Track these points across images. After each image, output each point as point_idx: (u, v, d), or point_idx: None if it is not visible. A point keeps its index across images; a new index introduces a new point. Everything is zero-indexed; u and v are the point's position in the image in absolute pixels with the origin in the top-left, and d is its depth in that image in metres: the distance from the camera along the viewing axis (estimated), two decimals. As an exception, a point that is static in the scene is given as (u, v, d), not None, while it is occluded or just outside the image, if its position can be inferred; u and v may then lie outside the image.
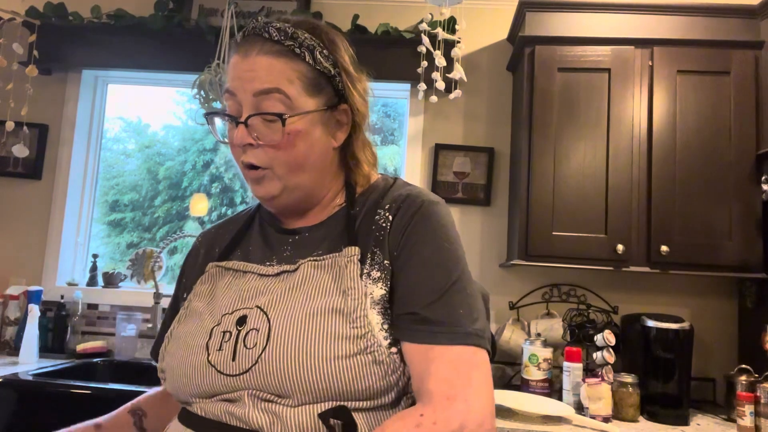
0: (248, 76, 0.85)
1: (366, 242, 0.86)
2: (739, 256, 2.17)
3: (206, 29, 2.65)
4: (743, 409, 1.91)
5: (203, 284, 0.95)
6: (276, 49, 0.86)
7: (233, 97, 0.86)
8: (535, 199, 2.28)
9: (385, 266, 0.84)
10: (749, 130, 2.23)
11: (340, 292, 0.81)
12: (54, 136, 2.85)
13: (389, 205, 0.89)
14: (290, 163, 0.86)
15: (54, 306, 2.64)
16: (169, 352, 0.90)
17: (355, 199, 0.93)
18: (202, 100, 2.38)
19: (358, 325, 0.78)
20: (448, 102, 2.63)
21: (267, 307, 0.83)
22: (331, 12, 2.78)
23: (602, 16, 2.37)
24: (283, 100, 0.84)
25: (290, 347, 0.77)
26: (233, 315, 0.85)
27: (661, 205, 2.23)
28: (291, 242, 0.93)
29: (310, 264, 0.86)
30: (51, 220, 2.80)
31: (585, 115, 2.31)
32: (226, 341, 0.82)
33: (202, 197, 3.10)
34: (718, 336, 2.50)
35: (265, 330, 0.80)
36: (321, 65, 0.88)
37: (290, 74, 0.85)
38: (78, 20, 2.73)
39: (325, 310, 0.79)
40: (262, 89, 0.84)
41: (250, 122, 0.85)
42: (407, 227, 0.85)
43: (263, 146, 0.85)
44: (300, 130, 0.85)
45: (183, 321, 0.92)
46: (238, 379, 0.79)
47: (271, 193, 0.88)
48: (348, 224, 0.89)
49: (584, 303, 2.54)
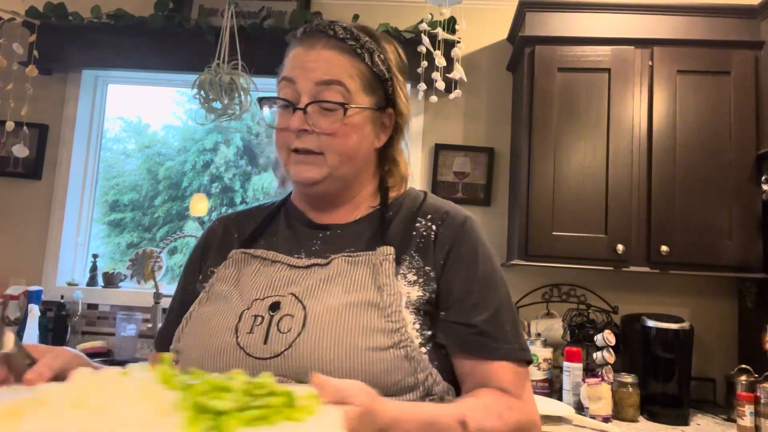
0: (312, 66, 0.90)
1: (402, 245, 0.91)
2: (739, 256, 2.17)
3: (206, 29, 2.64)
4: (743, 409, 1.92)
5: (227, 269, 0.94)
6: (340, 45, 0.92)
7: (292, 85, 0.91)
8: (535, 199, 2.28)
9: (425, 272, 0.89)
10: (749, 130, 2.23)
11: (376, 287, 0.85)
12: (54, 136, 2.85)
13: (430, 215, 0.95)
14: (342, 153, 0.90)
15: (54, 306, 2.64)
16: (189, 333, 0.89)
17: (388, 203, 0.98)
18: (202, 100, 2.38)
19: (393, 320, 0.82)
20: (448, 102, 2.63)
21: (302, 295, 0.85)
22: (331, 12, 2.78)
23: (602, 16, 2.37)
24: (343, 93, 0.90)
25: (326, 334, 0.79)
26: (264, 300, 0.86)
27: (661, 205, 2.23)
28: (321, 237, 0.95)
29: (344, 259, 0.89)
30: (51, 220, 2.80)
31: (585, 115, 2.31)
32: (257, 325, 0.83)
33: (202, 197, 3.10)
34: (718, 336, 2.50)
35: (301, 316, 0.82)
36: (377, 68, 0.94)
37: (351, 70, 0.91)
38: (78, 20, 2.73)
39: (360, 303, 0.83)
40: (325, 79, 0.89)
41: (308, 109, 0.89)
42: (454, 242, 0.92)
43: (318, 133, 0.89)
44: (356, 123, 0.91)
45: (205, 303, 0.91)
46: (267, 363, 0.80)
47: (314, 177, 0.90)
48: (382, 226, 0.94)
49: (584, 303, 2.54)
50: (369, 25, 3.02)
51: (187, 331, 0.90)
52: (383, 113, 0.96)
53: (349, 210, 0.97)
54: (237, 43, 2.40)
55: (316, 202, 0.98)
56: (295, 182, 0.94)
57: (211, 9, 2.78)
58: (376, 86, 0.94)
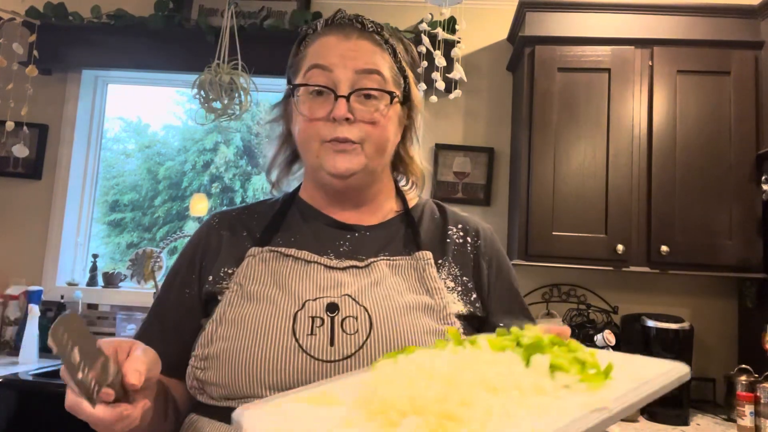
0: (351, 54, 0.88)
1: (438, 251, 0.92)
2: (739, 256, 2.17)
3: (206, 29, 2.64)
4: (743, 409, 1.92)
5: (254, 267, 0.88)
6: (373, 38, 0.92)
7: (327, 73, 0.88)
8: (535, 199, 2.28)
9: (463, 282, 0.91)
10: (749, 130, 2.23)
11: (425, 291, 0.86)
12: (54, 136, 2.85)
13: (461, 226, 0.98)
14: (380, 143, 0.89)
15: (54, 306, 2.64)
16: (227, 336, 0.81)
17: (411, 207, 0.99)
18: (202, 100, 2.38)
19: (449, 322, 0.84)
20: (448, 102, 2.63)
21: (358, 296, 0.83)
22: (331, 12, 2.77)
23: (602, 16, 2.37)
24: (380, 83, 0.89)
25: (394, 336, 0.79)
26: (317, 301, 0.82)
27: (661, 205, 2.23)
28: (349, 238, 0.92)
29: (385, 263, 0.89)
30: (51, 220, 2.80)
31: (585, 115, 2.31)
32: (318, 326, 0.80)
33: (202, 197, 3.09)
34: (718, 336, 2.50)
35: (365, 318, 0.81)
36: (400, 63, 0.94)
37: (385, 63, 0.91)
38: (78, 20, 2.73)
39: (416, 306, 0.83)
40: (366, 68, 0.88)
41: (351, 98, 0.87)
42: (494, 256, 0.96)
43: (358, 122, 0.87)
44: (391, 115, 0.91)
45: (240, 304, 0.84)
46: (335, 365, 0.77)
47: (353, 168, 0.88)
48: (413, 230, 0.94)
49: (584, 303, 2.54)
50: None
51: (223, 335, 0.82)
52: (402, 108, 0.96)
53: (371, 210, 0.96)
54: (237, 43, 2.40)
55: (339, 199, 0.94)
56: (329, 174, 0.88)
57: (211, 9, 2.78)
58: (400, 81, 0.94)
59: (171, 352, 0.83)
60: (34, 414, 1.99)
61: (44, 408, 1.99)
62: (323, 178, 0.91)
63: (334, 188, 0.92)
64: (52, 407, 1.98)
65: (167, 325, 0.91)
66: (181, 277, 0.94)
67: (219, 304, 0.86)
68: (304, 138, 0.90)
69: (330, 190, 0.93)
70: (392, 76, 0.91)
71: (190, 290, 0.92)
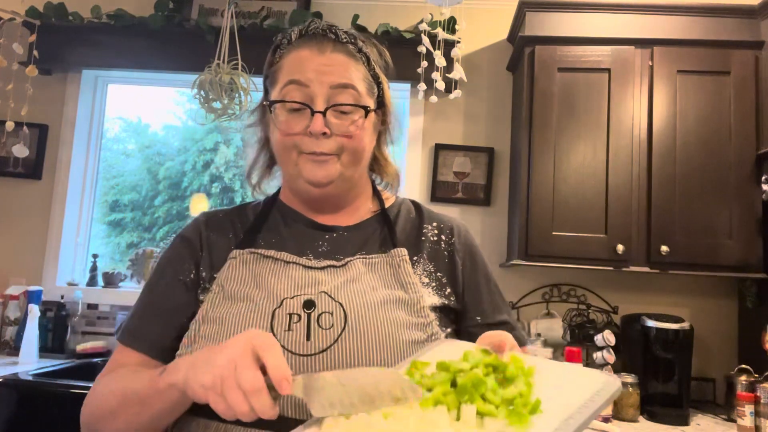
0: (326, 69, 0.91)
1: (413, 249, 0.96)
2: (739, 256, 2.17)
3: (206, 29, 2.65)
4: (743, 409, 1.91)
5: (236, 268, 0.91)
6: (347, 49, 0.94)
7: (304, 88, 0.90)
8: (535, 199, 2.27)
9: (437, 278, 0.95)
10: (749, 130, 2.23)
11: (399, 286, 0.90)
12: (54, 136, 2.85)
13: (436, 224, 1.01)
14: (356, 153, 0.92)
15: (54, 306, 2.64)
16: (210, 335, 0.85)
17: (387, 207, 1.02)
18: (202, 100, 2.38)
19: (423, 315, 0.87)
20: (448, 102, 2.63)
21: (334, 293, 0.86)
22: (332, 12, 2.78)
23: (602, 16, 2.37)
24: (355, 96, 0.91)
25: (369, 329, 0.82)
26: (295, 299, 0.85)
27: (661, 205, 2.23)
28: (327, 239, 0.96)
29: (361, 261, 0.92)
30: (51, 220, 2.80)
31: (585, 115, 2.31)
32: (295, 323, 0.83)
33: (202, 197, 3.10)
34: (718, 336, 2.50)
35: (340, 313, 0.84)
36: (373, 71, 0.97)
37: (358, 74, 0.93)
38: (78, 20, 2.73)
39: (391, 300, 0.87)
40: (340, 83, 0.90)
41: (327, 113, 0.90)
42: (467, 253, 0.99)
43: (334, 136, 0.90)
44: (367, 125, 0.94)
45: (221, 304, 0.88)
46: (312, 359, 0.80)
47: (330, 176, 0.91)
48: (389, 229, 0.98)
49: (584, 303, 2.54)
50: (369, 25, 3.02)
51: (205, 333, 0.86)
52: (376, 114, 0.98)
53: (349, 212, 1.00)
54: (237, 43, 2.40)
55: (319, 204, 0.98)
56: (306, 182, 0.92)
57: (211, 9, 2.78)
58: (374, 89, 0.96)
59: (168, 336, 0.90)
60: (34, 414, 1.99)
61: (44, 408, 1.99)
62: (301, 186, 0.94)
63: (312, 196, 0.96)
64: (52, 407, 1.98)
65: (164, 309, 0.92)
66: (173, 266, 0.96)
67: (202, 305, 0.90)
68: (281, 149, 0.93)
69: (308, 197, 0.97)
70: (366, 87, 0.94)
71: (184, 277, 0.94)
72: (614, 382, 0.62)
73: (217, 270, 0.93)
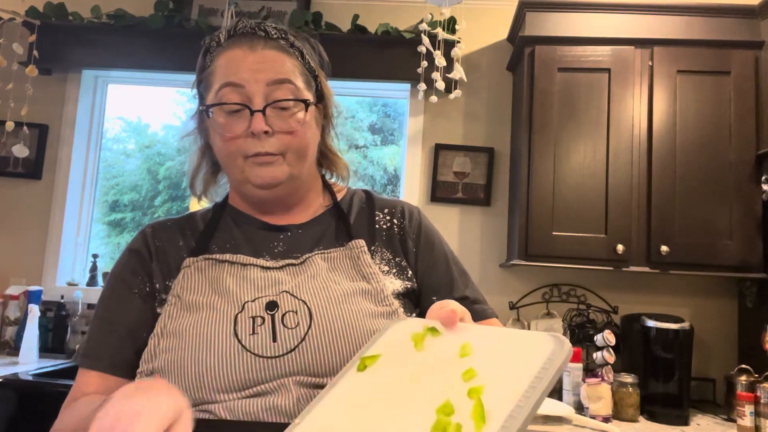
0: (261, 67, 0.88)
1: (369, 239, 0.95)
2: (739, 256, 2.17)
3: (206, 29, 2.64)
4: (743, 409, 1.92)
5: (190, 277, 0.89)
6: (279, 44, 0.91)
7: (239, 89, 0.88)
8: (535, 199, 2.28)
9: (396, 263, 0.94)
10: (749, 130, 2.23)
11: (361, 277, 0.89)
12: (54, 136, 2.85)
13: (387, 210, 1.00)
14: (300, 151, 0.90)
15: (54, 306, 2.64)
16: (171, 348, 0.81)
17: (339, 200, 1.01)
18: (202, 100, 2.38)
19: (387, 304, 0.87)
20: (448, 102, 2.63)
21: (296, 291, 0.85)
22: (332, 12, 2.78)
23: (602, 16, 2.37)
24: (293, 91, 0.89)
25: (335, 323, 0.81)
26: (256, 302, 0.84)
27: (661, 205, 2.23)
28: (282, 239, 0.94)
29: (319, 257, 0.91)
30: (51, 220, 2.80)
31: (585, 115, 2.31)
32: (259, 325, 0.81)
33: (202, 197, 3.09)
34: (718, 336, 2.50)
35: (305, 310, 0.83)
36: (308, 65, 0.94)
37: (294, 69, 0.91)
38: (78, 20, 2.73)
39: (354, 292, 0.86)
40: (276, 79, 0.88)
41: (267, 111, 0.87)
42: (419, 233, 0.98)
43: (277, 134, 0.88)
44: (309, 120, 0.91)
45: (179, 316, 0.85)
46: (280, 360, 0.79)
47: (278, 178, 0.89)
48: (344, 222, 0.97)
49: (584, 303, 2.54)
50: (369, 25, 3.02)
51: (165, 347, 0.82)
52: (317, 107, 0.96)
53: (302, 209, 0.98)
54: (237, 43, 2.40)
55: (269, 205, 0.95)
56: (254, 185, 0.90)
57: (211, 9, 2.78)
58: (311, 82, 0.94)
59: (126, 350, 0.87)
60: (34, 414, 1.99)
61: (44, 408, 1.99)
62: (249, 190, 0.92)
63: (262, 198, 0.94)
64: (52, 407, 1.97)
65: (119, 324, 0.89)
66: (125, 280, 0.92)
67: (159, 318, 0.86)
68: (225, 155, 0.90)
69: (257, 200, 0.95)
70: (304, 81, 0.92)
71: (138, 290, 0.91)
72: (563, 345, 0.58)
73: (171, 280, 0.90)
